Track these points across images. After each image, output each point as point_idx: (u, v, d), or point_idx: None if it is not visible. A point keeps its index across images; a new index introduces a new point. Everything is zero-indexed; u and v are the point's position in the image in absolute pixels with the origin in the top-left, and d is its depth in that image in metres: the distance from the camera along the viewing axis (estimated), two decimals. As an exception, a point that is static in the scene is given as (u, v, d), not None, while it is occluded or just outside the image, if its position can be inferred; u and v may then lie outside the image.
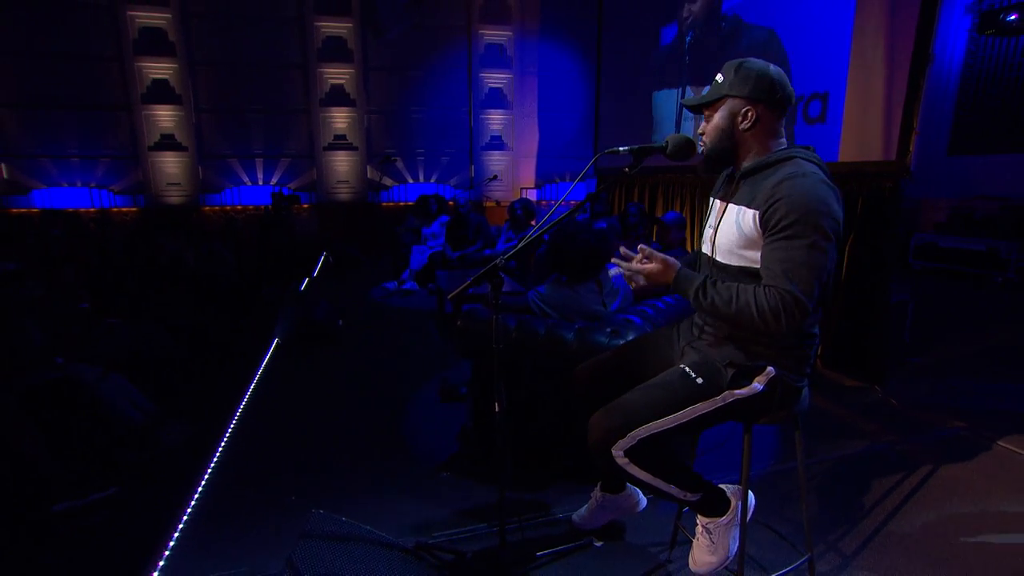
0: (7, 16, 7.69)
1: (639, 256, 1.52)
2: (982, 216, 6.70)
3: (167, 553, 1.95)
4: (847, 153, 3.42)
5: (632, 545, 1.99)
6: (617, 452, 1.46)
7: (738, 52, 4.39)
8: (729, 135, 1.47)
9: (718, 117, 1.47)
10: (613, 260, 1.59)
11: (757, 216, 1.38)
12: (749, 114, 1.43)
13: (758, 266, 1.41)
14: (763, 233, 1.38)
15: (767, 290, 1.34)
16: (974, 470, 2.45)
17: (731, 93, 1.44)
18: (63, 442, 2.41)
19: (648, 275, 1.49)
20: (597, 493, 1.95)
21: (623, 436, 1.45)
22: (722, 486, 1.66)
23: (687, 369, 1.51)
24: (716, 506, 1.62)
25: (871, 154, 3.25)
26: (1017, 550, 1.95)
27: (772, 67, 1.44)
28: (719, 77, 1.47)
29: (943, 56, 7.02)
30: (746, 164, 1.48)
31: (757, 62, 1.44)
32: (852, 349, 3.47)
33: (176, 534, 2.06)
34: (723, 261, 1.50)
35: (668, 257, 1.49)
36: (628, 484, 1.93)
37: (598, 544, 1.99)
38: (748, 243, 1.42)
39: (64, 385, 2.53)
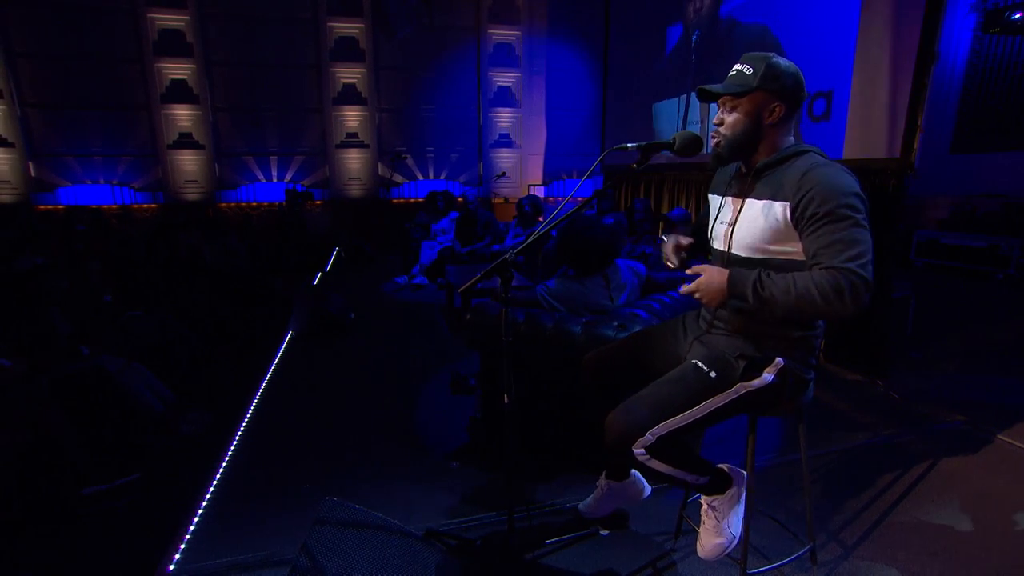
0: (33, 20, 7.88)
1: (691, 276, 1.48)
2: (984, 213, 6.68)
3: (187, 536, 2.02)
4: (851, 151, 3.43)
5: (638, 534, 2.02)
6: (638, 450, 1.47)
7: (740, 52, 4.41)
8: (755, 128, 1.46)
9: (745, 110, 1.45)
10: (681, 291, 1.51)
11: (787, 208, 1.38)
12: (776, 110, 1.44)
13: (782, 258, 1.43)
14: (796, 225, 1.38)
15: (825, 271, 1.29)
16: (974, 463, 2.47)
17: (762, 87, 1.43)
18: (89, 429, 2.49)
19: (703, 287, 1.42)
20: (602, 482, 1.98)
21: (642, 435, 1.46)
22: (720, 465, 1.69)
23: (699, 363, 1.52)
24: (719, 484, 1.66)
25: (875, 151, 3.26)
26: (1017, 542, 1.96)
27: (794, 65, 1.46)
28: (746, 69, 1.45)
29: (947, 54, 6.98)
30: (761, 160, 1.48)
31: (783, 59, 1.45)
32: (854, 343, 3.48)
33: (196, 518, 2.13)
34: (743, 255, 1.50)
35: (710, 266, 1.46)
36: (632, 472, 1.96)
37: (604, 533, 2.02)
38: (775, 236, 1.42)
39: (90, 374, 2.61)
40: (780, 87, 1.43)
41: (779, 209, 1.40)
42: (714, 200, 1.67)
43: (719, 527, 1.65)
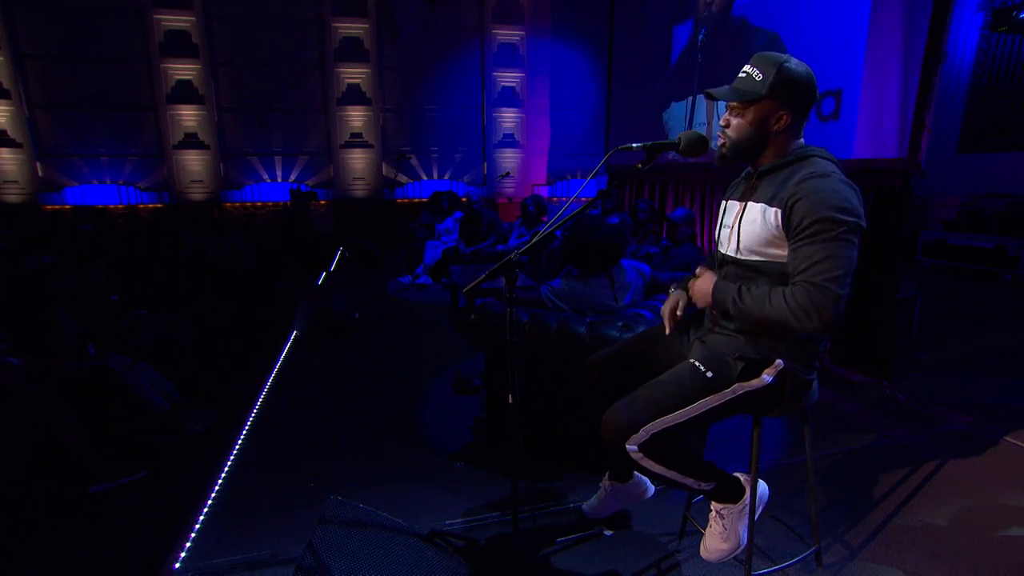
0: (40, 21, 7.95)
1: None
2: (991, 213, 6.64)
3: (193, 534, 2.03)
4: (860, 150, 3.41)
5: (642, 535, 2.02)
6: (631, 447, 1.47)
7: (748, 50, 4.40)
8: (761, 134, 1.45)
9: (751, 117, 1.44)
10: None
11: (779, 215, 1.38)
12: (783, 118, 1.42)
13: (780, 262, 1.43)
14: (786, 234, 1.38)
15: (795, 287, 1.33)
16: (980, 465, 2.46)
17: (771, 95, 1.40)
18: (96, 428, 2.51)
19: (695, 288, 1.57)
20: (606, 482, 1.98)
21: (635, 431, 1.46)
22: (736, 474, 1.68)
23: (696, 363, 1.52)
24: (731, 493, 1.64)
25: (884, 151, 3.24)
26: (1023, 544, 1.95)
27: (807, 71, 1.43)
28: (756, 74, 1.42)
29: (954, 54, 6.94)
30: (766, 163, 1.48)
31: (796, 65, 1.41)
32: (860, 344, 3.46)
33: (201, 516, 2.14)
34: (745, 259, 1.50)
35: (706, 270, 1.59)
36: (635, 472, 1.95)
37: (608, 533, 2.02)
38: (771, 240, 1.42)
39: (96, 373, 2.63)
40: (790, 96, 1.40)
41: (772, 214, 1.41)
42: (724, 206, 1.66)
43: (726, 533, 1.64)
